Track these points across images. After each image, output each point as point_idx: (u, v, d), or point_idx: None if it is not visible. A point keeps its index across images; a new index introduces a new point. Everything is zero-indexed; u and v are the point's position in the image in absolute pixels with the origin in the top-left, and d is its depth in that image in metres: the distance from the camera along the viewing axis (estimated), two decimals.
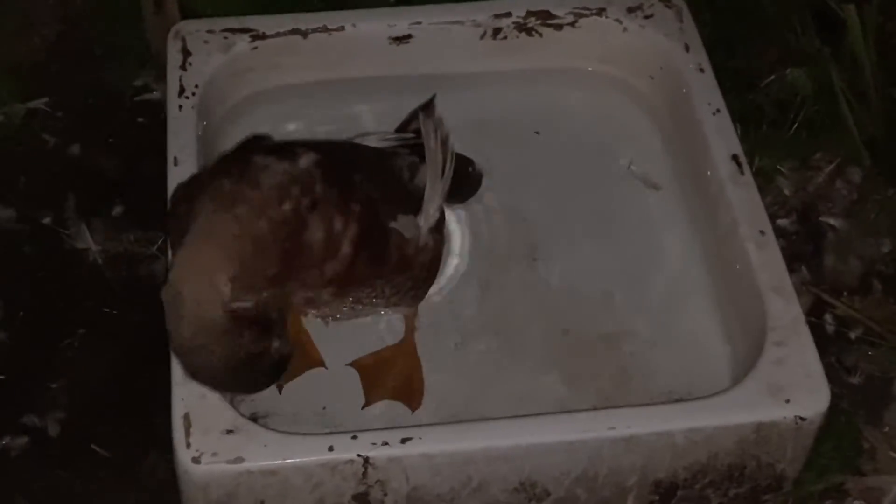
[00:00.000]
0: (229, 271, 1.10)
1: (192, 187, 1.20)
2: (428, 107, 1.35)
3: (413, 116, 1.36)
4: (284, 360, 1.18)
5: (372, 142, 1.32)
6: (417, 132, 1.29)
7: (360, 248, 1.16)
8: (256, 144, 1.22)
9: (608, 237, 1.50)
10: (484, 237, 1.49)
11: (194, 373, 1.14)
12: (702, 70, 1.51)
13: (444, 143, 1.28)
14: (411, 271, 1.24)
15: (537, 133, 1.58)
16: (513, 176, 1.53)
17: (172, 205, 1.23)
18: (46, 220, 1.56)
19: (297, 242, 1.13)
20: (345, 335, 1.37)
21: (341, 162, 1.21)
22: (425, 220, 1.25)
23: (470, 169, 1.45)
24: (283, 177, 1.14)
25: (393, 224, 1.21)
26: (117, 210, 1.57)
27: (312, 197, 1.14)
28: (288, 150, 1.18)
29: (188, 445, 1.18)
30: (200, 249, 1.12)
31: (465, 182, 1.42)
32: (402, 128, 1.40)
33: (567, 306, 1.44)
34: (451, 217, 1.46)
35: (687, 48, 1.53)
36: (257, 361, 1.15)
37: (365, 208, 1.17)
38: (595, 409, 1.28)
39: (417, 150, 1.28)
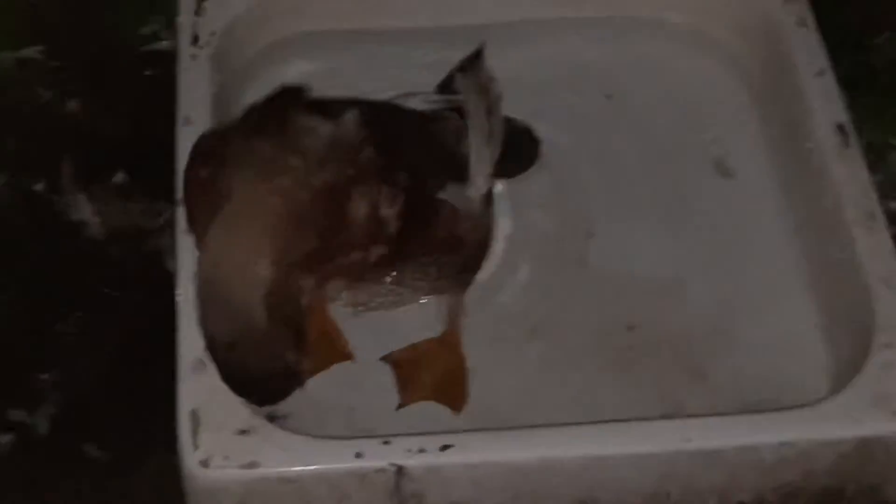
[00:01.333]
0: (272, 253, 1.11)
1: (218, 145, 1.20)
2: (472, 60, 1.35)
3: (458, 71, 1.37)
4: (300, 378, 1.19)
5: (415, 103, 1.33)
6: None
7: (408, 224, 1.17)
8: (292, 99, 1.22)
9: (685, 218, 1.49)
10: (538, 216, 1.48)
11: (229, 371, 1.15)
12: (804, 24, 1.51)
13: (493, 103, 1.29)
14: (462, 249, 1.25)
15: (608, 97, 1.57)
16: (575, 147, 1.53)
17: (192, 167, 1.23)
18: (39, 188, 1.55)
19: (338, 217, 1.14)
20: (377, 325, 1.35)
21: (386, 125, 1.22)
22: (475, 188, 1.26)
23: (525, 137, 1.46)
24: (326, 141, 1.15)
25: (442, 194, 1.22)
26: (119, 177, 1.56)
27: (358, 168, 1.15)
28: (329, 108, 1.19)
29: (196, 446, 1.18)
30: (243, 225, 1.13)
31: (519, 153, 1.43)
32: (444, 86, 1.39)
33: (631, 297, 1.43)
34: (500, 193, 1.45)
35: None
36: (283, 368, 1.17)
37: (413, 177, 1.18)
38: (668, 417, 1.28)
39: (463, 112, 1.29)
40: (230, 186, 1.14)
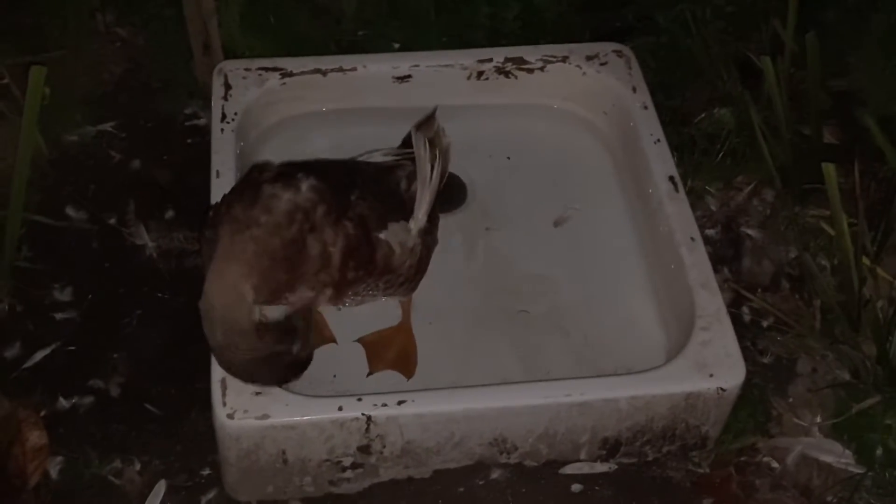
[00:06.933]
0: (251, 281, 1.08)
1: (215, 215, 1.16)
2: (425, 120, 1.29)
3: (413, 128, 1.31)
4: (302, 362, 1.14)
5: (377, 157, 1.28)
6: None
7: (349, 258, 1.13)
8: (261, 173, 1.17)
9: (567, 241, 1.48)
10: (464, 240, 1.46)
11: (228, 367, 1.12)
12: (646, 108, 1.50)
13: (441, 152, 1.22)
14: (399, 272, 1.20)
15: (508, 158, 1.55)
16: (488, 191, 1.51)
17: (202, 230, 1.19)
18: (112, 221, 1.53)
19: (301, 255, 1.12)
20: (353, 317, 1.34)
21: (338, 183, 1.16)
22: (415, 223, 1.21)
23: (455, 183, 1.44)
24: (289, 205, 1.12)
25: (382, 234, 1.17)
26: (169, 214, 1.54)
27: (312, 221, 1.12)
28: (290, 176, 1.14)
29: (224, 404, 1.17)
30: (227, 266, 1.10)
31: (452, 193, 1.41)
32: (404, 141, 1.34)
33: (527, 294, 1.41)
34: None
35: (634, 90, 1.52)
36: (277, 359, 1.12)
37: (356, 224, 1.14)
38: (554, 379, 1.26)
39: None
40: (219, 240, 1.11)
